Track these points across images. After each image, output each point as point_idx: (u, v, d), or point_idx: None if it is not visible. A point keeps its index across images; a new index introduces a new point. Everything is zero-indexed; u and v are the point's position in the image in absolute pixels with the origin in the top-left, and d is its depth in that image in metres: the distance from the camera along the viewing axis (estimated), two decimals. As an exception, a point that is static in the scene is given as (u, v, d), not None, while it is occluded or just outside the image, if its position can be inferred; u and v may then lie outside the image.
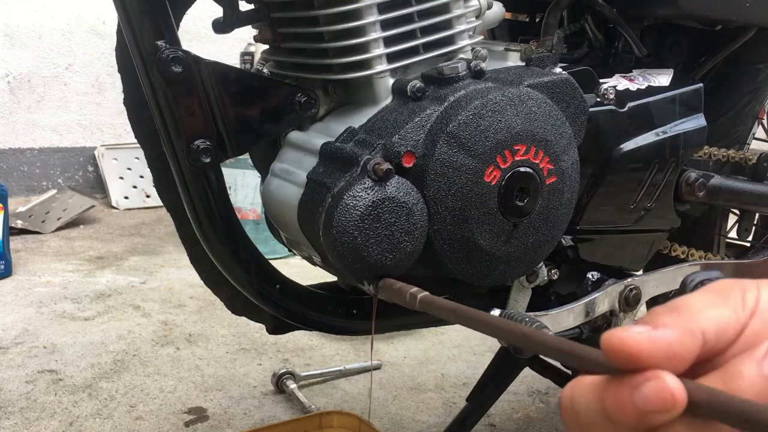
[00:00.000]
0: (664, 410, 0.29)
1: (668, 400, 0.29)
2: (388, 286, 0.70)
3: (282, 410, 1.61)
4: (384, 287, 0.71)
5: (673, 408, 0.29)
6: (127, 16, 0.76)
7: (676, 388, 0.29)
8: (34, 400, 1.59)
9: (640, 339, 0.31)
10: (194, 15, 0.92)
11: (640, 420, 0.30)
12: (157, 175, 0.88)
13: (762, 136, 1.35)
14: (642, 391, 0.30)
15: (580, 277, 0.98)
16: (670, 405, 0.29)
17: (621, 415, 0.30)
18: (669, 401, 0.29)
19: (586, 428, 0.32)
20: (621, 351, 0.31)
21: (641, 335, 0.31)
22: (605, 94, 0.91)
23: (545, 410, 1.66)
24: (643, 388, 0.30)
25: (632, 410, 0.30)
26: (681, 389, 0.29)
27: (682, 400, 0.29)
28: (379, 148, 0.74)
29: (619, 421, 0.31)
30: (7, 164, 3.44)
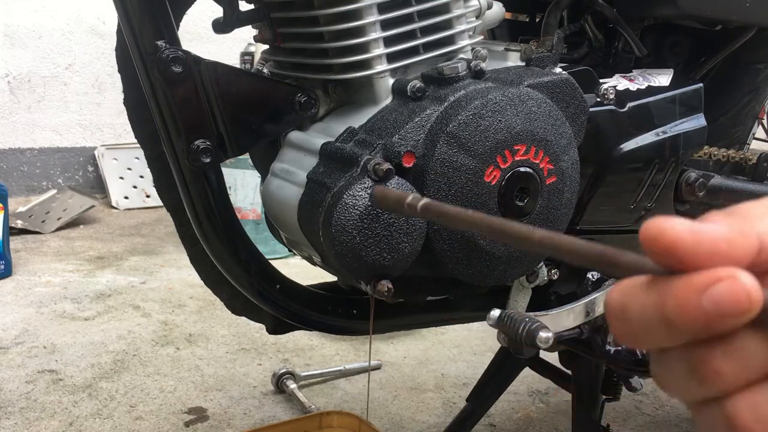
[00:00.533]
0: (738, 314, 0.26)
1: (743, 302, 0.26)
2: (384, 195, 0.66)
3: (282, 410, 1.61)
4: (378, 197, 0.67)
5: (748, 311, 0.26)
6: (127, 16, 0.76)
7: (753, 288, 0.26)
8: (34, 400, 1.59)
9: (680, 230, 0.27)
10: (194, 15, 0.92)
11: (707, 325, 0.26)
12: (157, 175, 0.88)
13: (762, 136, 1.35)
14: (714, 292, 0.26)
15: (580, 277, 0.98)
16: (746, 307, 0.26)
17: (686, 321, 0.27)
18: (744, 303, 0.26)
19: (641, 337, 0.29)
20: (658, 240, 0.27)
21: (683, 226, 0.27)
22: (605, 94, 0.91)
23: (545, 410, 1.66)
24: (716, 289, 0.26)
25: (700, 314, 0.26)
26: (758, 290, 0.26)
27: (758, 301, 0.26)
28: (379, 148, 0.74)
29: (682, 327, 0.27)
30: (7, 164, 3.44)
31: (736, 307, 0.26)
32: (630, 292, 0.29)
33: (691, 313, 0.26)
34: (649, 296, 0.28)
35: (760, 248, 0.28)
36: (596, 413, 1.17)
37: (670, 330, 0.27)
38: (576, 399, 1.19)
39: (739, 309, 0.26)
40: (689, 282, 0.27)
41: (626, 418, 1.64)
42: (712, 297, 0.26)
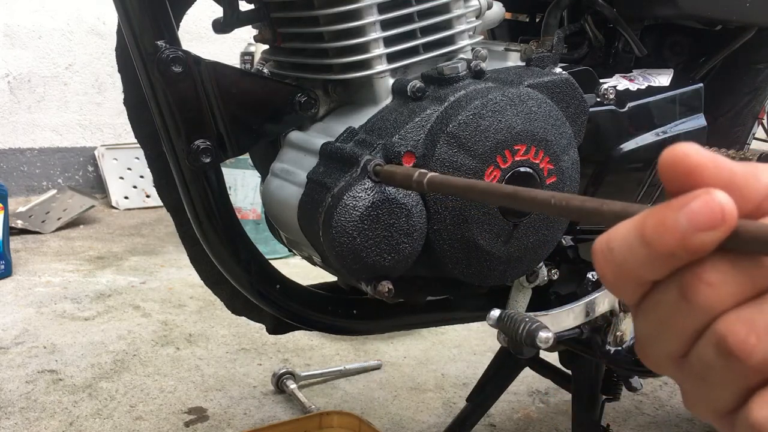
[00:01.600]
0: (711, 226, 0.27)
1: (717, 213, 0.26)
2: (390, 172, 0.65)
3: (282, 410, 1.61)
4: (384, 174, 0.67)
5: (721, 224, 0.27)
6: (127, 16, 0.76)
7: (726, 203, 0.27)
8: (34, 400, 1.59)
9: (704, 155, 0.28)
10: (194, 15, 0.92)
11: (682, 242, 0.27)
12: (157, 175, 0.88)
13: (762, 136, 1.35)
14: (688, 208, 0.27)
15: (580, 277, 0.98)
16: (718, 220, 0.27)
17: (664, 239, 0.27)
18: (717, 215, 0.26)
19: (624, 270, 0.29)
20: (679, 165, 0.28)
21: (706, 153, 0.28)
22: (605, 94, 0.91)
23: (545, 410, 1.66)
24: (690, 205, 0.27)
25: (675, 230, 0.27)
26: (731, 205, 0.27)
27: (732, 216, 0.27)
28: (379, 148, 0.74)
29: (661, 247, 0.28)
30: (7, 164, 3.44)
31: (711, 220, 0.26)
32: (614, 230, 0.30)
33: (669, 231, 0.27)
34: (634, 224, 0.29)
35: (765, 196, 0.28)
36: (596, 413, 1.17)
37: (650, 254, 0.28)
38: (576, 399, 1.19)
39: (713, 222, 0.26)
40: (667, 204, 0.28)
41: (626, 418, 1.64)
42: (687, 212, 0.27)
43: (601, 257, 0.30)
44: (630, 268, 0.29)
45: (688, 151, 0.28)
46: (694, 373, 0.30)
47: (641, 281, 0.30)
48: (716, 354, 0.29)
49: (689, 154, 0.28)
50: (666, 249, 0.28)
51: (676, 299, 0.29)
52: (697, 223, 0.27)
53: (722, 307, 0.28)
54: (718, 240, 0.27)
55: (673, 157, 0.29)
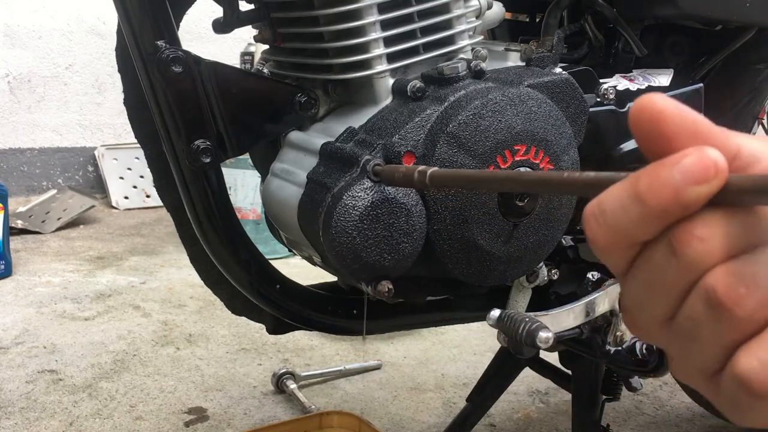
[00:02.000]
0: (704, 180, 0.27)
1: (710, 167, 0.27)
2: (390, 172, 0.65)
3: (282, 410, 1.61)
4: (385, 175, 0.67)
5: (714, 177, 0.27)
6: (127, 16, 0.76)
7: (718, 158, 0.27)
8: (34, 400, 1.59)
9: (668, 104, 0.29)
10: (194, 15, 0.92)
11: (676, 196, 0.28)
12: (157, 175, 0.88)
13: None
14: (682, 164, 0.28)
15: (580, 277, 0.98)
16: (712, 173, 0.27)
17: (657, 195, 0.28)
18: (711, 169, 0.27)
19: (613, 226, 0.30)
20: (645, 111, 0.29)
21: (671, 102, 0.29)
22: (605, 94, 0.91)
23: (545, 410, 1.66)
24: (684, 161, 0.28)
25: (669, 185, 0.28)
26: (723, 160, 0.27)
27: (724, 170, 0.27)
28: (379, 148, 0.74)
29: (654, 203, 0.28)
30: (7, 164, 3.44)
31: (704, 174, 0.27)
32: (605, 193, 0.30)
33: (662, 187, 0.28)
34: (622, 185, 0.29)
35: (737, 153, 0.30)
36: (596, 413, 1.17)
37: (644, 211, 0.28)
38: (576, 399, 1.19)
39: (706, 175, 0.27)
40: (660, 162, 0.28)
41: (626, 418, 1.64)
42: (681, 168, 0.27)
43: (593, 220, 0.30)
44: (623, 229, 0.29)
45: (655, 99, 0.29)
46: (683, 332, 0.30)
47: (633, 242, 0.30)
48: (705, 308, 0.29)
49: (655, 103, 0.29)
50: (660, 204, 0.28)
51: (666, 256, 0.29)
52: (691, 178, 0.27)
53: (712, 261, 0.29)
54: (710, 193, 0.28)
55: (640, 104, 0.29)
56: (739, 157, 0.30)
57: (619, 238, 0.30)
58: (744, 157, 0.30)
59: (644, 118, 0.30)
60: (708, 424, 1.62)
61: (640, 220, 0.29)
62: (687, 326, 0.30)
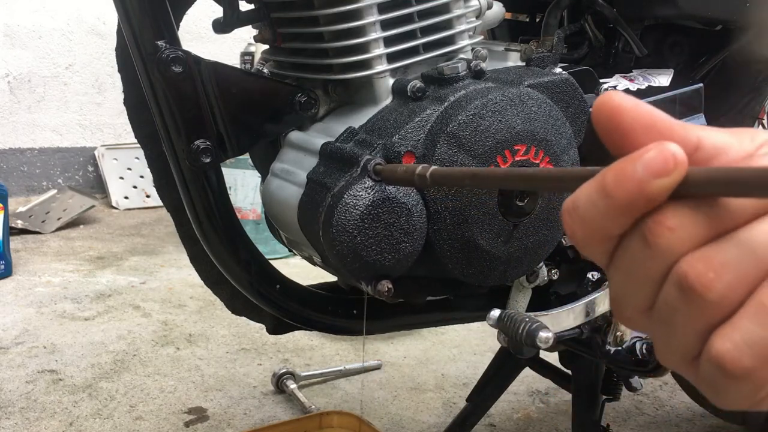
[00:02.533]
0: (665, 173, 0.29)
1: (669, 160, 0.29)
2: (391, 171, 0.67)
3: (282, 410, 1.61)
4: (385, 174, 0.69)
5: (673, 169, 0.29)
6: (127, 16, 0.76)
7: (677, 151, 0.29)
8: (34, 400, 1.59)
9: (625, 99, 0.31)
10: (194, 15, 0.92)
11: (639, 189, 0.29)
12: (157, 175, 0.88)
13: (762, 136, 1.35)
14: (644, 158, 0.29)
15: (580, 277, 0.98)
16: (671, 166, 0.29)
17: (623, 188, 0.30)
18: (670, 161, 0.29)
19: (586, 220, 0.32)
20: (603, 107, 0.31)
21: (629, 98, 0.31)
22: (605, 94, 0.91)
23: (545, 410, 1.66)
24: (646, 155, 0.29)
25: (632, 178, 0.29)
26: (682, 153, 0.29)
27: (683, 163, 0.29)
28: (380, 148, 0.74)
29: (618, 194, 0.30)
30: (7, 164, 3.44)
31: (664, 167, 0.29)
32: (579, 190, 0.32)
33: (627, 181, 0.30)
34: (592, 182, 0.31)
35: (698, 146, 0.32)
36: (596, 413, 1.17)
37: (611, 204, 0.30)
38: (576, 399, 1.19)
39: (666, 168, 0.29)
40: (624, 158, 0.30)
41: (626, 418, 1.64)
42: (643, 162, 0.29)
43: (568, 216, 0.32)
44: (595, 223, 0.31)
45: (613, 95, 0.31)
46: (662, 319, 0.32)
47: (607, 235, 0.32)
48: (679, 294, 0.30)
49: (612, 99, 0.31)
50: (625, 197, 0.30)
51: (641, 247, 0.31)
52: (653, 171, 0.29)
53: (683, 249, 0.30)
54: (672, 185, 0.29)
55: (599, 101, 0.31)
56: (701, 149, 0.31)
57: (593, 232, 0.32)
58: (706, 148, 0.32)
59: (603, 114, 0.32)
60: (708, 424, 1.62)
61: (609, 213, 0.31)
62: (665, 313, 0.31)
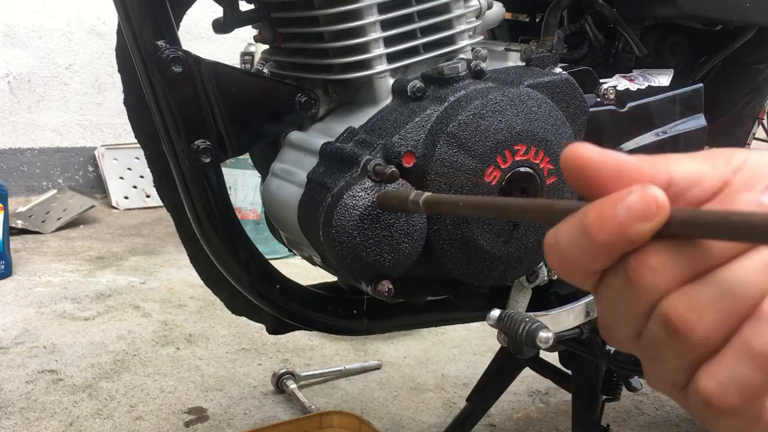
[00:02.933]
0: (647, 217, 0.29)
1: (652, 206, 0.29)
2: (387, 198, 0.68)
3: (282, 410, 1.61)
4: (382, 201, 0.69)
5: (656, 213, 0.29)
6: (127, 16, 0.76)
7: (659, 196, 0.29)
8: (34, 400, 1.59)
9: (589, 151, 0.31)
10: (194, 15, 0.92)
11: (621, 232, 0.29)
12: (157, 175, 0.88)
13: (762, 136, 1.35)
14: (626, 201, 0.29)
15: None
16: (653, 210, 0.29)
17: (604, 229, 0.30)
18: (653, 207, 0.29)
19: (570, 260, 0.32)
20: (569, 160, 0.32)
21: (593, 149, 0.31)
22: (605, 94, 0.91)
23: (545, 410, 1.66)
24: (628, 198, 0.29)
25: (615, 222, 0.29)
26: (664, 197, 0.29)
27: (665, 207, 0.29)
28: (380, 148, 0.74)
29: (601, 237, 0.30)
30: (7, 164, 3.44)
31: (646, 211, 0.29)
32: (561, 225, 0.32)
33: (608, 222, 0.29)
34: (574, 221, 0.31)
35: (670, 182, 0.31)
36: (596, 413, 1.17)
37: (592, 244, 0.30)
38: (576, 399, 1.19)
39: (649, 213, 0.29)
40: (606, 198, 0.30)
41: (626, 418, 1.64)
42: (625, 205, 0.29)
43: (550, 250, 0.32)
44: (576, 259, 0.31)
45: (577, 149, 0.31)
46: (649, 351, 0.32)
47: (589, 271, 0.32)
48: (663, 332, 0.31)
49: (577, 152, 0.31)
50: (606, 239, 0.30)
51: (623, 285, 0.31)
52: (635, 215, 0.29)
53: (665, 288, 0.30)
54: (654, 229, 0.29)
55: (565, 156, 0.32)
56: (673, 184, 0.31)
57: (575, 267, 0.32)
58: (679, 182, 0.31)
59: (571, 168, 0.32)
60: (708, 424, 1.61)
61: (590, 252, 0.31)
62: (650, 346, 0.32)
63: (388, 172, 0.70)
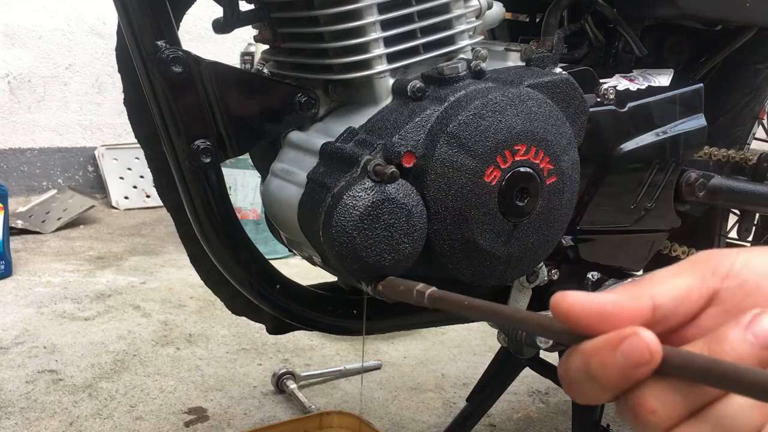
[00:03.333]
0: (643, 363, 0.31)
1: (645, 353, 0.31)
2: (392, 285, 0.69)
3: (282, 410, 1.61)
4: (387, 287, 0.70)
5: (650, 360, 0.31)
6: (127, 16, 0.76)
7: (652, 342, 0.31)
8: (34, 400, 1.59)
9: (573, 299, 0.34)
10: (194, 15, 0.92)
11: (622, 376, 0.32)
12: (157, 175, 0.88)
13: (762, 136, 1.35)
14: (622, 348, 0.32)
15: (580, 277, 0.98)
16: (647, 358, 0.31)
17: (606, 374, 0.32)
18: (645, 354, 0.31)
19: (580, 391, 0.34)
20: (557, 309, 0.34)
21: (578, 296, 0.34)
22: (605, 94, 0.91)
23: (545, 410, 1.66)
24: (623, 345, 0.32)
25: (614, 368, 0.32)
26: (657, 344, 0.31)
27: (657, 352, 0.31)
28: (380, 148, 0.74)
29: (605, 381, 0.33)
30: (7, 164, 3.44)
31: (642, 358, 0.31)
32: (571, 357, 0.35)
33: (609, 368, 0.32)
34: (579, 360, 0.34)
35: (655, 307, 0.34)
36: (596, 413, 1.17)
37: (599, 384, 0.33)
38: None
39: (644, 359, 0.31)
40: (603, 342, 0.33)
41: (626, 418, 1.64)
42: (622, 352, 0.32)
43: (564, 381, 0.35)
44: (586, 392, 0.34)
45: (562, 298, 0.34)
46: None
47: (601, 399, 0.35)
48: None
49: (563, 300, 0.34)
50: (611, 383, 0.33)
51: (630, 416, 0.34)
52: (633, 361, 0.32)
53: (666, 426, 0.33)
54: (650, 371, 0.32)
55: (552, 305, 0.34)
56: (658, 308, 0.34)
57: (587, 398, 0.35)
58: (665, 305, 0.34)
59: (560, 317, 0.34)
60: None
61: (596, 389, 0.34)
62: None
63: (388, 172, 0.70)
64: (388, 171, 0.70)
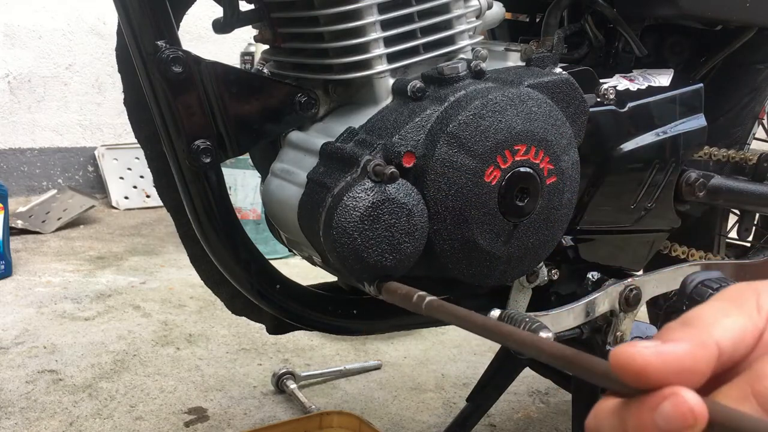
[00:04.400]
0: (686, 427, 0.29)
1: (688, 417, 0.29)
2: (392, 290, 0.69)
3: (282, 410, 1.61)
4: (388, 291, 0.70)
5: (694, 424, 0.29)
6: (127, 16, 0.76)
7: (695, 404, 0.29)
8: (34, 400, 1.59)
9: (646, 354, 0.30)
10: (194, 15, 0.92)
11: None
12: (157, 175, 0.88)
13: (762, 136, 1.35)
14: (662, 411, 0.29)
15: (580, 277, 0.98)
16: (691, 422, 0.29)
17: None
18: (689, 418, 0.29)
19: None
20: (628, 367, 0.30)
21: (649, 350, 0.30)
22: (605, 94, 0.91)
23: (545, 410, 1.66)
24: (663, 407, 0.29)
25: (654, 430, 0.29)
26: (701, 405, 0.29)
27: (702, 415, 0.29)
28: (380, 148, 0.74)
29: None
30: (7, 164, 3.44)
31: (683, 422, 0.29)
32: (602, 415, 0.32)
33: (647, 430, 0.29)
34: (617, 418, 0.31)
35: (719, 353, 0.31)
36: (596, 413, 1.17)
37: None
38: (576, 399, 1.19)
39: (686, 424, 0.29)
40: (645, 403, 0.30)
41: (626, 418, 1.64)
42: (662, 415, 0.29)
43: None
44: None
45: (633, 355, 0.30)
46: None
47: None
48: None
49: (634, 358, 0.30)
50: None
51: None
52: (672, 425, 0.29)
53: None
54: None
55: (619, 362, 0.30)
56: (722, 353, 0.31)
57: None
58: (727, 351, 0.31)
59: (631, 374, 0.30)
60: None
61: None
62: None
63: (388, 172, 0.70)
64: (388, 171, 0.70)
